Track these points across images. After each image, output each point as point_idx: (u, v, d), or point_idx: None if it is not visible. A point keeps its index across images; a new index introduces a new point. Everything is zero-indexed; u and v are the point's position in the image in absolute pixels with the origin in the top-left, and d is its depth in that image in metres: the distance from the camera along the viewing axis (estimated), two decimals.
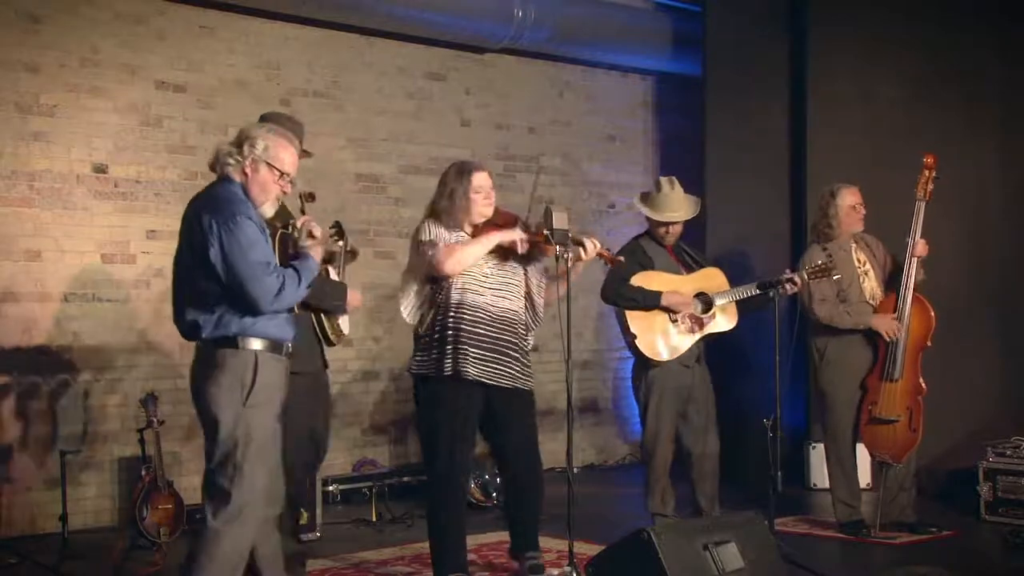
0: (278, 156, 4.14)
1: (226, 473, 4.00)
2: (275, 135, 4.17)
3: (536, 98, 8.85)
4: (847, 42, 7.69)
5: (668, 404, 5.89)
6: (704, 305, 5.88)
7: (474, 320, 4.90)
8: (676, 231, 6.00)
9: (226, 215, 3.97)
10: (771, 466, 5.40)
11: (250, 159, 4.10)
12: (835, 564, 5.57)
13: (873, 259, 6.16)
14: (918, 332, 5.96)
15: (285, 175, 4.17)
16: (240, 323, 4.02)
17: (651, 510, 5.95)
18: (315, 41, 7.69)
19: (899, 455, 6.00)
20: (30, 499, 6.45)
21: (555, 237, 4.84)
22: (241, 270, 3.95)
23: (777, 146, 8.11)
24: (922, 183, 5.95)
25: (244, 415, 4.00)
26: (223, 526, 3.98)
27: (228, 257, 3.95)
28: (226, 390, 4.01)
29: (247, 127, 4.23)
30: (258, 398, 4.03)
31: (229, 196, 4.07)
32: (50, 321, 6.59)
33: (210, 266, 3.98)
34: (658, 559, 4.20)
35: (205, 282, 4.01)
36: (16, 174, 6.52)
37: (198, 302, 4.06)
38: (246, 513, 4.01)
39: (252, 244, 3.97)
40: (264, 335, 4.07)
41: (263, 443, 4.05)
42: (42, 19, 6.62)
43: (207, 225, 3.97)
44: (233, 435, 3.99)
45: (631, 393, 6.24)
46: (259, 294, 3.98)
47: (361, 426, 7.84)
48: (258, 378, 4.03)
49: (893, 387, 5.96)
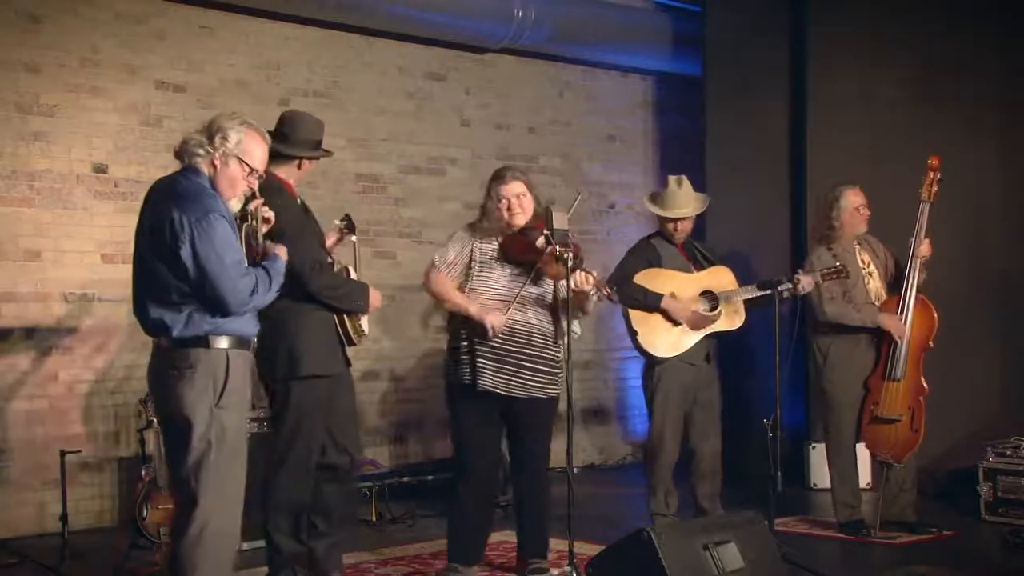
0: (250, 151, 3.97)
1: (197, 477, 3.84)
2: (248, 128, 3.99)
3: (536, 98, 8.85)
4: (847, 42, 7.69)
5: (673, 403, 5.90)
6: (710, 303, 5.89)
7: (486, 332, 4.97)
8: (685, 228, 6.00)
9: (199, 213, 3.80)
10: (771, 466, 5.39)
11: (220, 152, 3.94)
12: (835, 564, 5.57)
13: (876, 260, 6.16)
14: (921, 332, 5.96)
15: (255, 171, 4.01)
16: (212, 322, 3.86)
17: (652, 510, 5.95)
18: (315, 41, 7.69)
19: (900, 455, 6.00)
20: (30, 499, 6.45)
21: (555, 237, 4.85)
22: (215, 272, 3.79)
23: (777, 146, 8.11)
24: (927, 184, 5.95)
25: (217, 416, 3.86)
26: (196, 533, 3.83)
27: (200, 257, 3.78)
28: (199, 391, 3.84)
29: (218, 117, 4.03)
30: (230, 398, 3.89)
31: (199, 191, 3.90)
32: (50, 321, 6.59)
33: (180, 264, 3.80)
34: (658, 559, 4.20)
35: (172, 280, 3.83)
36: (16, 174, 6.52)
37: (164, 300, 3.86)
38: (212, 522, 3.84)
39: (226, 245, 3.82)
40: (233, 332, 3.91)
41: (235, 445, 3.93)
42: (42, 19, 6.62)
43: (178, 223, 3.78)
44: (206, 437, 3.84)
45: (631, 393, 6.25)
46: (232, 297, 3.83)
47: (361, 426, 7.83)
48: (230, 378, 3.88)
49: (895, 387, 5.95)
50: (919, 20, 7.49)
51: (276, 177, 4.63)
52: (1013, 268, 7.25)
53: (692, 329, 5.86)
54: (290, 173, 4.77)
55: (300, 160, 4.78)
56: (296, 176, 4.81)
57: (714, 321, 5.86)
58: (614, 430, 9.15)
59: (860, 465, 6.27)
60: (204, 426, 3.84)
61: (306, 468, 4.72)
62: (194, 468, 3.85)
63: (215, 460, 3.85)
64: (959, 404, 6.88)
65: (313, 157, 4.85)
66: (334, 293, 4.69)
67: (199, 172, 3.96)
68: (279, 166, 4.67)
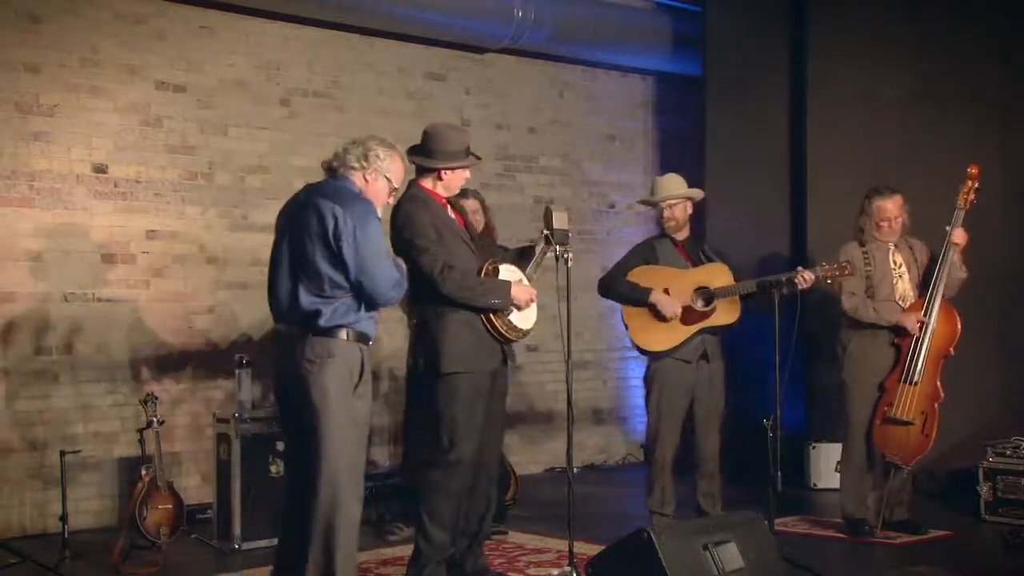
0: (395, 170, 4.43)
1: (329, 459, 4.17)
2: (393, 151, 4.43)
3: (536, 98, 8.85)
4: (847, 42, 7.69)
5: (668, 401, 5.91)
6: (703, 299, 5.89)
7: None
8: (676, 215, 6.00)
9: (360, 212, 4.21)
10: (771, 466, 5.40)
11: (372, 169, 4.38)
12: (835, 564, 5.57)
13: (913, 262, 6.09)
14: (942, 338, 5.92)
15: (396, 189, 4.50)
16: (355, 315, 4.25)
17: (649, 507, 5.98)
18: (315, 41, 7.68)
19: (909, 458, 5.97)
20: (30, 499, 6.45)
21: (555, 237, 4.87)
22: (372, 266, 4.20)
23: (777, 146, 8.11)
24: (963, 192, 5.91)
25: (353, 405, 4.22)
26: (328, 514, 4.17)
27: (362, 253, 4.18)
28: (339, 379, 4.19)
29: (372, 138, 4.44)
30: (364, 388, 4.26)
31: (357, 192, 4.33)
32: (50, 321, 6.59)
33: (340, 259, 4.17)
34: (658, 559, 4.21)
35: (331, 272, 4.20)
36: (16, 174, 6.51)
37: (318, 290, 4.22)
38: (343, 503, 4.19)
39: (381, 243, 4.27)
40: (362, 329, 4.29)
41: (363, 434, 4.29)
42: (42, 19, 6.61)
43: (342, 220, 4.17)
44: (342, 423, 4.17)
45: (631, 393, 6.27)
46: (382, 286, 4.23)
47: None
48: (364, 369, 4.26)
49: (911, 390, 5.92)
50: (919, 20, 7.49)
51: (420, 187, 5.02)
52: (1013, 268, 7.26)
53: (684, 324, 5.86)
54: (434, 184, 5.05)
55: (439, 171, 5.01)
56: (441, 186, 5.05)
57: (707, 316, 5.86)
58: (614, 430, 9.15)
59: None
60: (342, 413, 4.19)
61: (464, 466, 4.90)
62: (328, 451, 4.17)
63: (352, 445, 4.23)
64: (959, 404, 6.86)
65: (449, 168, 5.02)
66: (466, 293, 4.86)
67: (351, 181, 4.38)
68: (423, 178, 5.05)
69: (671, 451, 5.97)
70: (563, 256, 4.86)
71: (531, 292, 5.00)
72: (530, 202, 8.59)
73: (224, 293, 7.15)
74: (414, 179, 5.08)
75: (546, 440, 8.63)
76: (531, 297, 4.99)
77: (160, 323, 6.94)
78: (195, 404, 7.01)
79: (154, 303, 6.92)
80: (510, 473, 6.80)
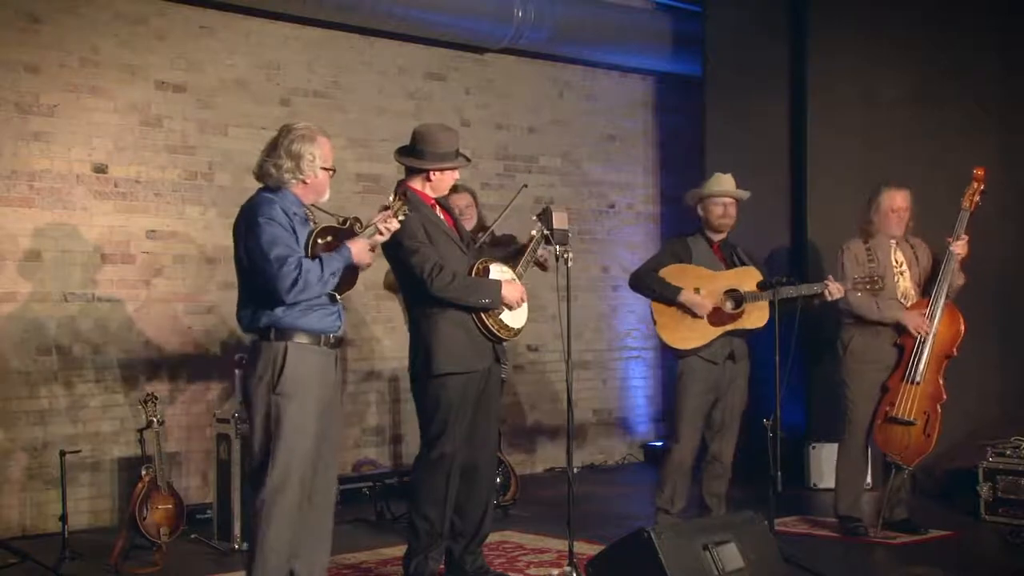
0: (326, 155, 4.42)
1: (264, 464, 4.24)
2: (314, 139, 4.38)
3: (536, 98, 8.85)
4: (847, 42, 7.69)
5: (692, 401, 5.90)
6: (734, 302, 5.89)
7: None
8: (731, 214, 5.99)
9: (249, 213, 4.29)
10: (771, 466, 5.40)
11: (310, 172, 4.37)
12: (835, 564, 5.57)
13: (914, 261, 6.10)
14: (945, 339, 5.91)
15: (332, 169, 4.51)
16: (270, 316, 4.26)
17: (657, 505, 5.96)
18: (315, 41, 7.69)
19: (910, 458, 5.97)
20: (30, 499, 6.45)
21: (555, 237, 4.88)
22: (259, 264, 4.21)
23: (777, 146, 8.10)
24: (969, 194, 5.91)
25: (274, 402, 4.22)
26: (265, 508, 4.22)
27: (251, 254, 4.24)
28: (258, 379, 4.27)
29: (288, 144, 4.36)
30: (286, 387, 4.22)
31: (264, 196, 4.35)
32: (50, 321, 6.59)
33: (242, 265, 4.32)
34: (658, 559, 4.20)
35: (244, 280, 4.36)
36: (16, 174, 6.52)
37: (245, 294, 4.37)
38: (278, 498, 4.21)
39: (273, 240, 4.20)
40: (296, 327, 4.28)
41: (293, 434, 4.22)
42: (42, 19, 6.62)
43: (240, 223, 4.31)
44: (265, 423, 4.23)
45: (632, 393, 6.26)
46: (270, 284, 4.18)
47: (361, 426, 7.84)
48: (287, 367, 4.23)
49: (913, 390, 5.92)
50: (919, 20, 7.49)
51: (409, 189, 5.01)
52: (1013, 268, 7.25)
53: (712, 325, 5.87)
54: (423, 184, 5.06)
55: (428, 172, 5.03)
56: (430, 187, 5.06)
57: (735, 319, 5.86)
58: (614, 430, 9.16)
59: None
60: (263, 413, 4.24)
61: (446, 462, 4.91)
62: (258, 454, 4.27)
63: (273, 447, 4.22)
64: (959, 404, 6.85)
65: (438, 169, 5.04)
66: (455, 293, 4.85)
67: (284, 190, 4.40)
68: (412, 179, 5.07)
69: (691, 451, 5.96)
70: (563, 256, 4.86)
71: (521, 291, 5.00)
72: (530, 202, 8.59)
73: (224, 293, 7.15)
74: (403, 180, 5.10)
75: (546, 440, 8.63)
76: (521, 296, 4.99)
77: (160, 323, 6.94)
78: (195, 404, 7.02)
79: (154, 303, 6.92)
80: (510, 473, 6.80)
